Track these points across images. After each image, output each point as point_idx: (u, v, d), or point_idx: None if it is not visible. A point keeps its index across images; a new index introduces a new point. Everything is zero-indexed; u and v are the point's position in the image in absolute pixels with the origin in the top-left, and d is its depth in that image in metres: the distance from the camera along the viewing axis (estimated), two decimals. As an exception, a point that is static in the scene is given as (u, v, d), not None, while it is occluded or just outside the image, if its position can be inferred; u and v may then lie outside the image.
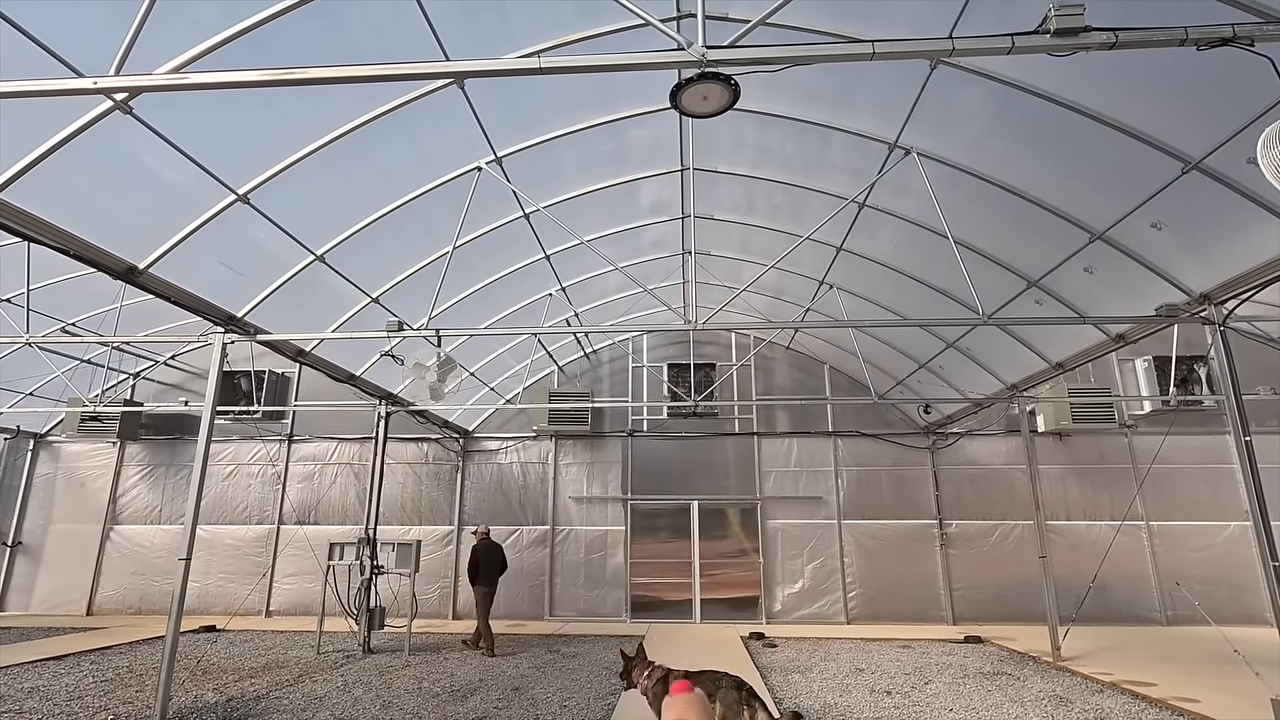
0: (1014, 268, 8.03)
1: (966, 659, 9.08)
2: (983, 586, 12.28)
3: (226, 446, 13.80)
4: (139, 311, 9.70)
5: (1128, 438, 12.66)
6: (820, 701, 6.78)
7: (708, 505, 13.25)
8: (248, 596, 12.80)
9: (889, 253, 9.20)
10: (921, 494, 12.92)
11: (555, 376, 14.26)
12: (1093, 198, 6.50)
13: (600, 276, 10.98)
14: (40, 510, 13.91)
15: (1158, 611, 11.83)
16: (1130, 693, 7.10)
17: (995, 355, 10.29)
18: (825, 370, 13.95)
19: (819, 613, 12.41)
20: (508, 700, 6.80)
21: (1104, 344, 7.94)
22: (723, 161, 8.25)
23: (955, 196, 7.11)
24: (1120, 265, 6.90)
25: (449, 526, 13.30)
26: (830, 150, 7.59)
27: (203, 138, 5.63)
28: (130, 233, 6.03)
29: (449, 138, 6.90)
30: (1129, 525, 11.79)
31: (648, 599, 12.83)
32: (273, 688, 7.34)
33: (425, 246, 8.44)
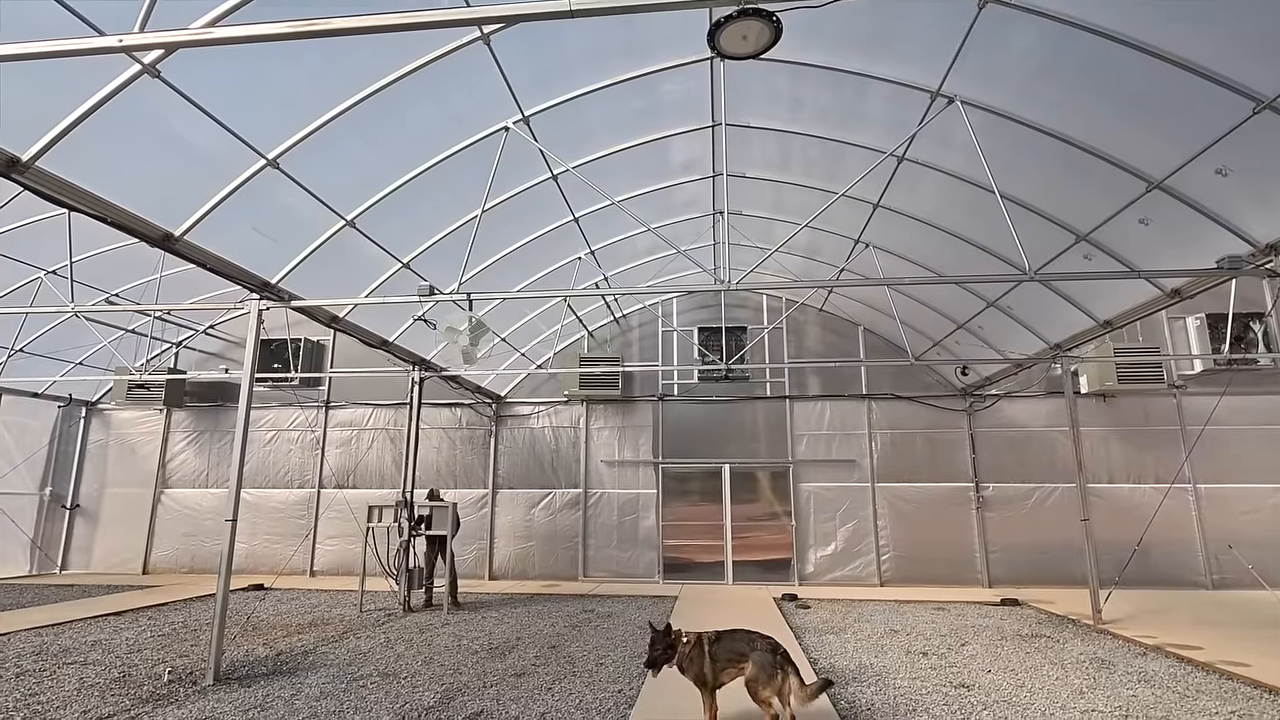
0: (1062, 221, 7.68)
1: (1003, 621, 8.99)
2: (1020, 549, 12.11)
3: (266, 413, 14.15)
4: (178, 281, 9.87)
5: (1176, 398, 12.23)
6: (855, 662, 6.78)
7: (739, 469, 13.23)
8: (292, 557, 13.24)
9: (928, 209, 8.88)
10: (958, 457, 12.71)
11: (585, 342, 14.25)
12: (1151, 144, 6.14)
13: (629, 239, 10.84)
14: (95, 475, 14.49)
15: (1203, 575, 11.55)
16: (1175, 656, 6.96)
17: (1038, 314, 9.95)
18: (859, 332, 13.69)
19: (852, 575, 12.40)
20: (545, 657, 6.93)
21: (1157, 300, 7.59)
22: (755, 116, 7.98)
23: (1001, 147, 6.78)
24: (1178, 216, 6.55)
25: (484, 490, 13.51)
26: (868, 101, 7.28)
27: (230, 102, 5.61)
28: (164, 200, 6.08)
29: (476, 97, 6.78)
30: (1175, 488, 11.46)
31: (680, 561, 12.94)
32: (319, 643, 7.60)
33: (454, 210, 8.39)
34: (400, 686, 5.88)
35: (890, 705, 5.36)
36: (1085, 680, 6.10)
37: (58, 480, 14.28)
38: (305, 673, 6.36)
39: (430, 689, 5.79)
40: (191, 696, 5.63)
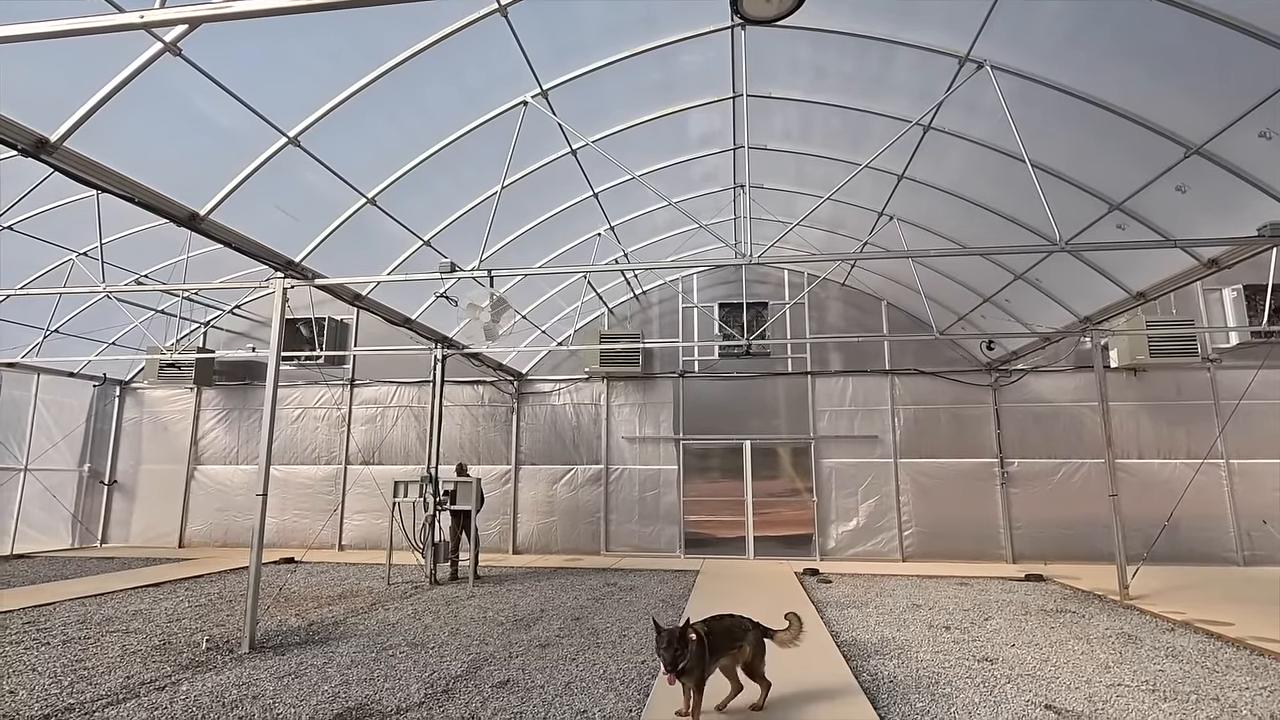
0: (1094, 190, 7.46)
1: (1028, 596, 8.94)
2: (1045, 525, 11.99)
3: (293, 391, 14.39)
4: (204, 261, 10.01)
5: (1210, 372, 11.94)
6: (878, 635, 6.80)
7: (760, 445, 13.22)
8: (320, 531, 13.55)
9: (955, 179, 8.68)
10: (982, 432, 12.57)
11: (605, 319, 14.24)
12: (1190, 108, 5.92)
13: (649, 215, 10.75)
14: (131, 452, 14.91)
15: (1234, 551, 11.36)
16: (1204, 631, 6.87)
17: (1068, 286, 9.73)
18: (883, 307, 13.51)
19: (873, 550, 12.39)
20: (569, 629, 7.05)
21: (1193, 270, 7.37)
22: (777, 86, 7.82)
23: (1031, 113, 6.58)
24: (1218, 182, 6.33)
25: (506, 466, 13.67)
26: (893, 69, 7.09)
27: (251, 80, 5.62)
28: (189, 180, 6.15)
29: (493, 72, 6.73)
30: (1207, 464, 11.22)
31: (701, 536, 13.02)
32: (348, 614, 7.80)
33: (473, 187, 8.38)
34: (428, 656, 6.01)
35: (913, 678, 5.38)
36: (1111, 655, 6.06)
37: (95, 457, 14.71)
38: (336, 642, 6.54)
39: (458, 659, 5.92)
40: (229, 663, 5.82)
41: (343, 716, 4.53)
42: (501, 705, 4.71)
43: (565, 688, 5.12)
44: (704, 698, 4.22)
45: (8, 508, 13.05)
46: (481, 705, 4.72)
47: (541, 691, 5.02)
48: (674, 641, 3.98)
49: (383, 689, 5.09)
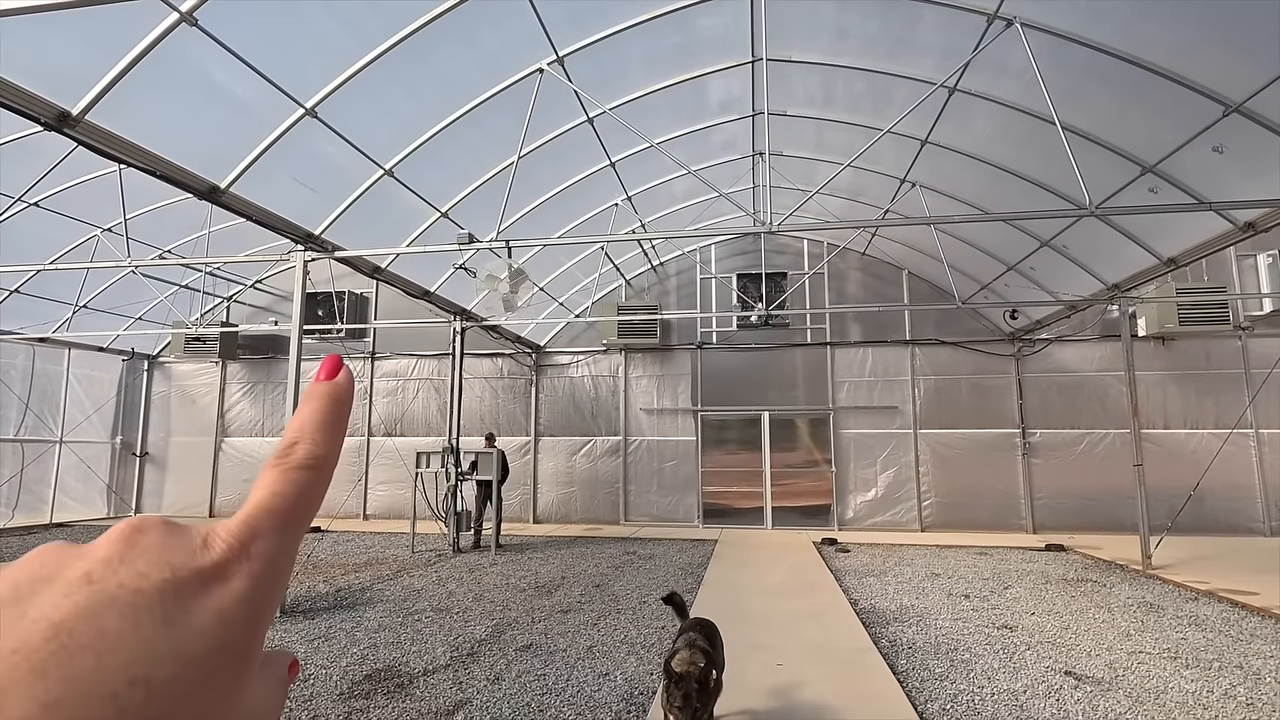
0: (1126, 152, 7.24)
1: (1048, 566, 8.92)
2: (1067, 496, 11.90)
3: (315, 364, 14.53)
4: (226, 236, 10.10)
5: (1241, 340, 11.65)
6: (896, 604, 6.84)
7: (779, 416, 13.20)
8: (345, 501, 13.82)
9: (980, 144, 8.46)
10: (1004, 403, 12.43)
11: (623, 290, 14.20)
12: (1232, 63, 5.68)
13: (666, 184, 10.63)
14: (160, 424, 15.26)
15: (1260, 522, 11.21)
16: (1228, 601, 6.82)
17: (1096, 252, 9.50)
18: (903, 277, 13.31)
19: (892, 520, 12.40)
20: (590, 596, 7.16)
21: (1228, 234, 7.15)
22: (797, 49, 7.63)
23: (1062, 73, 6.37)
24: (1257, 141, 6.10)
25: (526, 437, 13.80)
26: (919, 29, 6.88)
27: (268, 51, 5.59)
28: (209, 152, 6.17)
29: (509, 38, 6.63)
30: (1235, 434, 11.01)
31: (719, 506, 13.11)
32: (374, 581, 7.99)
33: (490, 157, 8.32)
34: (453, 620, 6.16)
35: (932, 644, 5.41)
36: (1133, 623, 6.04)
37: (126, 430, 15.08)
38: (364, 607, 6.71)
39: (481, 623, 6.06)
40: (261, 627, 6.00)
41: (372, 677, 4.66)
42: (525, 668, 4.82)
43: (587, 651, 5.23)
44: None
45: (45, 478, 13.46)
46: (506, 668, 4.83)
47: (564, 655, 5.13)
48: (694, 694, 2.89)
49: (410, 652, 5.23)
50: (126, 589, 0.22)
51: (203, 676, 0.23)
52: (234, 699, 0.24)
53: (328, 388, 0.32)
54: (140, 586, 0.23)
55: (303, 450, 0.29)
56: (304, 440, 0.29)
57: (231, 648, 0.24)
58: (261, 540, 0.26)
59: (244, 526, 0.26)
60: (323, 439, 0.30)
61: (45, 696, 0.19)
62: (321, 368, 0.32)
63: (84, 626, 0.21)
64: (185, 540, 0.25)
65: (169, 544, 0.24)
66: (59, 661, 0.20)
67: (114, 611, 0.22)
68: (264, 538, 0.26)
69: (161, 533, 0.25)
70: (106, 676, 0.20)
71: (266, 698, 0.26)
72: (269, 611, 0.26)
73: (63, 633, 0.21)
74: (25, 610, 0.21)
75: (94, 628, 0.21)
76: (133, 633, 0.21)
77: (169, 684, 0.21)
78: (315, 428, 0.30)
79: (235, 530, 0.26)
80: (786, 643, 5.38)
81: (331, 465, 0.30)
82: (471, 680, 4.58)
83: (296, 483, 0.28)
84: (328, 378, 0.32)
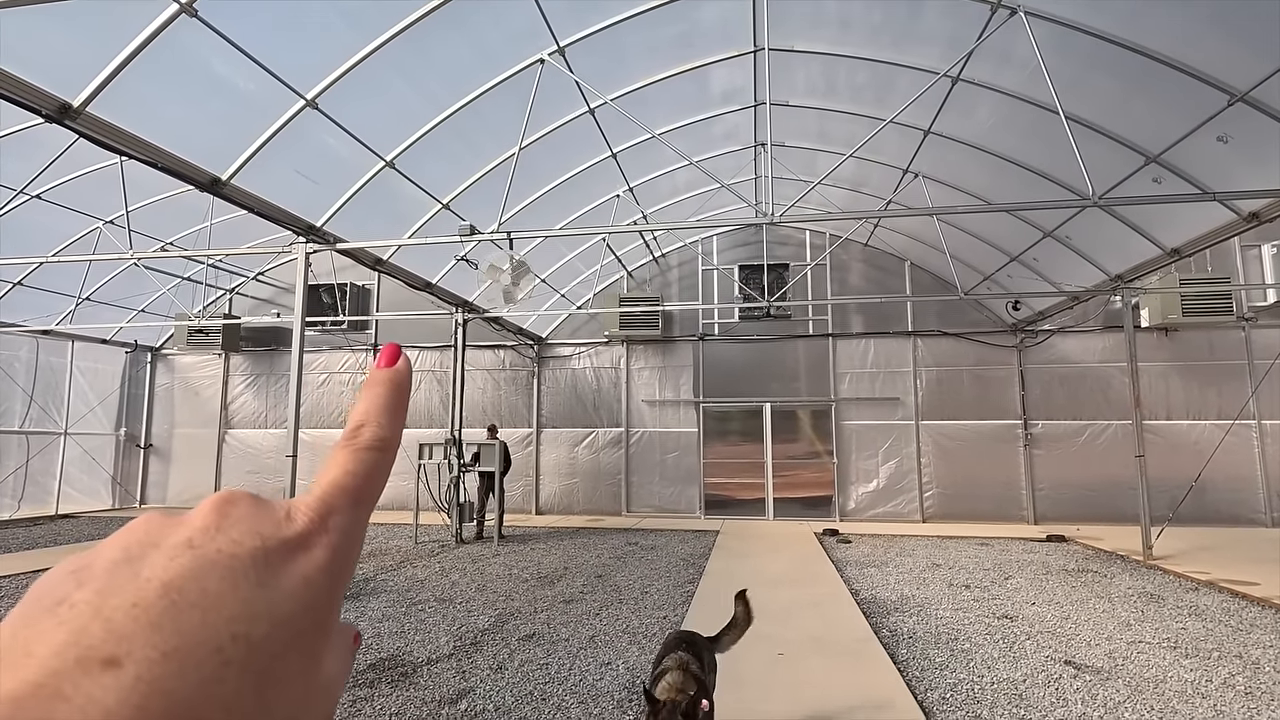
0: (1130, 142, 7.21)
1: (1049, 556, 8.95)
2: (1068, 487, 11.91)
3: (318, 356, 14.62)
4: (228, 228, 10.11)
5: (1245, 331, 11.62)
6: (897, 594, 6.87)
7: (780, 407, 13.21)
8: (350, 493, 13.87)
9: (983, 134, 8.42)
10: (1006, 394, 12.43)
11: (625, 282, 14.18)
12: (1236, 52, 5.65)
13: (668, 175, 10.61)
14: (164, 416, 15.32)
15: (1262, 513, 11.22)
16: (1229, 591, 6.84)
17: (1099, 243, 9.48)
18: (906, 268, 13.28)
19: (893, 511, 12.42)
20: (592, 586, 7.20)
21: (1232, 224, 7.12)
22: (799, 39, 7.59)
23: (1066, 62, 6.33)
24: (1261, 131, 6.07)
25: (528, 429, 13.84)
26: (922, 18, 6.85)
27: (268, 42, 5.58)
28: (210, 144, 6.17)
29: (509, 29, 6.61)
30: (1238, 425, 10.99)
31: (721, 497, 13.15)
32: (378, 572, 8.04)
33: (491, 148, 8.31)
34: (456, 610, 6.20)
35: (932, 634, 5.44)
36: (1133, 613, 6.06)
37: (130, 421, 15.14)
38: (368, 597, 6.75)
39: (485, 613, 6.10)
40: (266, 617, 6.04)
41: (376, 666, 4.70)
42: (528, 657, 4.86)
43: (589, 641, 5.26)
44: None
45: (50, 470, 13.54)
46: (509, 657, 4.87)
47: (566, 644, 5.16)
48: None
49: (413, 641, 5.27)
50: (224, 554, 0.24)
51: (293, 636, 0.25)
52: (317, 659, 0.26)
53: (389, 374, 0.33)
54: (235, 552, 0.25)
55: (369, 432, 0.31)
56: (370, 423, 0.31)
57: (315, 612, 0.26)
58: (337, 515, 0.28)
59: (321, 502, 0.28)
60: (387, 422, 0.32)
61: (164, 645, 0.21)
62: (382, 355, 0.34)
63: (191, 586, 0.23)
64: (271, 513, 0.27)
65: (257, 515, 0.26)
66: (172, 616, 0.22)
67: (215, 574, 0.24)
68: (339, 513, 0.28)
69: (250, 505, 0.27)
70: (212, 632, 0.22)
71: (340, 663, 0.28)
72: (345, 580, 0.28)
73: (173, 591, 0.23)
74: (138, 570, 0.23)
75: (199, 587, 0.23)
76: (232, 593, 0.23)
77: (266, 641, 0.23)
78: (379, 411, 0.32)
79: (314, 505, 0.28)
80: (787, 632, 5.41)
81: (395, 446, 0.32)
82: (475, 669, 4.62)
83: (365, 462, 0.30)
84: (388, 364, 0.34)
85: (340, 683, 0.28)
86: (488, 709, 3.95)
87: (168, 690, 0.21)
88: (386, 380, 0.33)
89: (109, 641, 0.21)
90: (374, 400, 0.32)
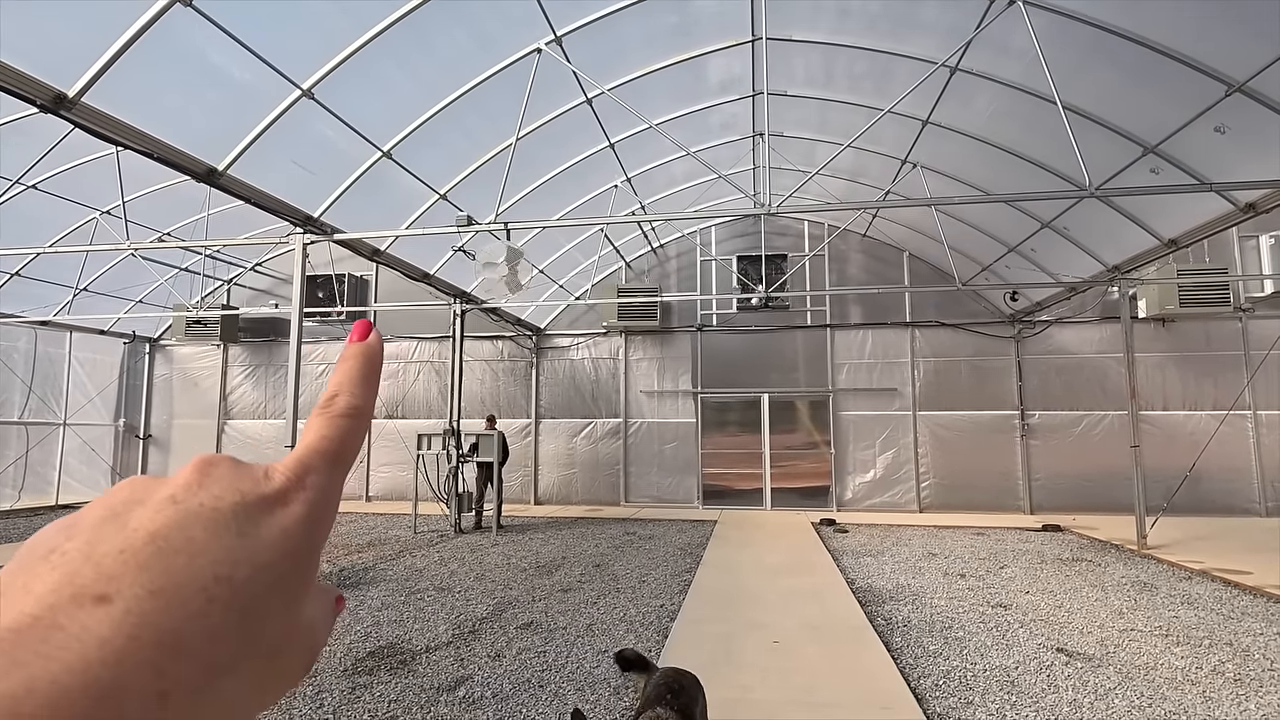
0: (1128, 132, 7.20)
1: (1044, 546, 9.01)
2: (1064, 477, 11.97)
3: (316, 347, 14.62)
4: (225, 218, 10.08)
5: (1242, 322, 11.64)
6: (893, 583, 6.92)
7: (778, 398, 13.25)
8: (348, 483, 13.91)
9: (981, 124, 8.41)
10: (1003, 385, 12.46)
11: (623, 273, 14.18)
12: (1233, 43, 5.64)
13: (666, 165, 10.58)
14: (163, 407, 15.34)
15: (1257, 503, 11.29)
16: (1221, 580, 6.90)
17: (1096, 234, 9.48)
18: (904, 259, 13.28)
19: (890, 501, 12.49)
20: (590, 575, 7.25)
21: (1229, 215, 7.13)
22: (798, 28, 7.56)
23: (1065, 52, 6.32)
24: (1259, 121, 6.06)
25: (527, 420, 13.87)
26: (921, 7, 6.82)
27: (263, 31, 5.56)
28: (206, 135, 6.15)
29: (506, 17, 6.58)
30: (1233, 415, 11.03)
31: (719, 487, 13.20)
32: (378, 561, 8.08)
33: (488, 138, 8.28)
34: (455, 599, 6.24)
35: (927, 622, 5.49)
36: (1125, 602, 6.12)
37: (129, 412, 15.16)
38: (367, 586, 6.80)
39: (483, 602, 6.14)
40: (266, 605, 6.09)
41: (375, 654, 4.75)
42: (526, 645, 4.91)
43: (587, 629, 5.31)
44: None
45: (50, 460, 13.57)
46: (507, 645, 4.91)
47: (564, 633, 5.21)
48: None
49: (412, 629, 5.32)
50: (206, 507, 0.26)
51: (274, 579, 0.27)
52: (297, 605, 0.28)
53: (360, 348, 0.35)
54: (217, 505, 0.27)
55: (343, 401, 0.33)
56: (343, 393, 0.33)
57: (294, 561, 0.28)
58: (314, 475, 0.30)
59: (299, 462, 0.30)
60: (360, 391, 0.34)
61: (151, 584, 0.23)
62: (354, 331, 0.36)
63: (176, 534, 0.25)
64: (250, 472, 0.29)
65: (237, 474, 0.29)
66: (159, 559, 0.24)
67: (198, 524, 0.26)
68: (316, 472, 0.30)
69: (230, 465, 0.29)
70: (197, 573, 0.24)
71: (320, 616, 0.30)
72: (322, 533, 0.30)
73: (159, 538, 0.25)
74: (125, 523, 0.25)
75: (183, 535, 0.25)
76: (215, 541, 0.26)
77: (247, 583, 0.25)
78: (352, 381, 0.34)
79: (292, 465, 0.30)
80: (784, 620, 5.46)
81: (368, 414, 0.33)
82: (473, 657, 4.66)
83: (340, 427, 0.32)
84: (360, 339, 0.35)
85: (322, 631, 0.31)
86: (485, 696, 3.99)
87: (156, 623, 0.23)
88: (358, 353, 0.35)
89: (99, 581, 0.23)
90: (347, 372, 0.34)
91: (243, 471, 0.29)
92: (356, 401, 0.33)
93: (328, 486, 0.30)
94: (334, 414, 0.32)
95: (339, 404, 0.33)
